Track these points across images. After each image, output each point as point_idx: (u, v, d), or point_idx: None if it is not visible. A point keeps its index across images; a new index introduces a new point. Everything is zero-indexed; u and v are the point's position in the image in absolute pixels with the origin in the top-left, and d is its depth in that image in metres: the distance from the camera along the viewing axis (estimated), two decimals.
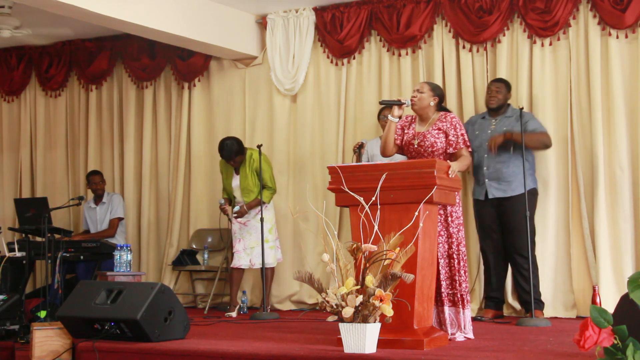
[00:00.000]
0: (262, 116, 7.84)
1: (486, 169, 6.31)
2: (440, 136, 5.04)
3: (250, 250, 6.92)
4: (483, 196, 6.34)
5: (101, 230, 7.83)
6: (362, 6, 7.34)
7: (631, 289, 3.05)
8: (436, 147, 5.02)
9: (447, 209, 4.92)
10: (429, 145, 5.03)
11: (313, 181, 7.51)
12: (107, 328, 4.78)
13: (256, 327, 5.85)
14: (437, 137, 5.04)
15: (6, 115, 9.04)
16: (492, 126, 6.35)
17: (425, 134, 5.07)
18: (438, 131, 5.05)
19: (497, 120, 6.37)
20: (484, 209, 6.37)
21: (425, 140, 5.05)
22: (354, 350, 4.11)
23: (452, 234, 4.93)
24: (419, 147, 5.07)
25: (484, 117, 6.47)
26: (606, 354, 3.13)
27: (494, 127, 6.34)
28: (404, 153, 5.21)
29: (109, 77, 8.52)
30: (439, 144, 5.03)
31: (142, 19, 6.73)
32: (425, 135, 5.06)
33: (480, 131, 6.40)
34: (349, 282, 4.11)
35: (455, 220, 4.96)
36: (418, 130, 5.12)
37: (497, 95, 6.40)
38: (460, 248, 4.94)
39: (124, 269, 6.34)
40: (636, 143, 6.41)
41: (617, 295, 5.59)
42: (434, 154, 5.02)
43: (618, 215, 6.39)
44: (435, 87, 5.21)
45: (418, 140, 5.08)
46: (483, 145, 6.31)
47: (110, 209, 7.88)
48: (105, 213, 7.90)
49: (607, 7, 6.42)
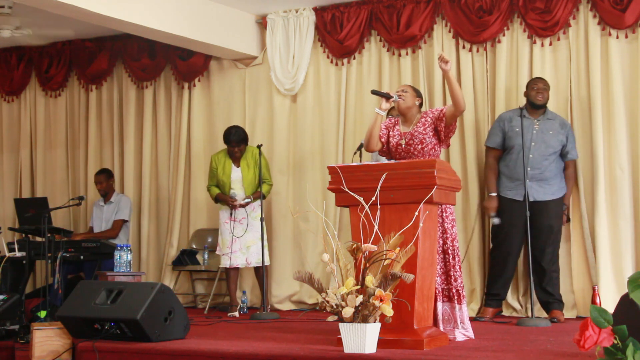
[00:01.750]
0: (262, 116, 7.84)
1: (530, 169, 6.14)
2: (427, 131, 5.06)
3: (246, 249, 6.92)
4: (521, 197, 6.15)
5: (104, 230, 7.83)
6: (362, 6, 7.34)
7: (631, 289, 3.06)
8: (426, 143, 5.05)
9: (442, 205, 4.93)
10: (418, 143, 5.06)
11: (313, 181, 7.50)
12: (107, 328, 4.78)
13: (256, 327, 5.85)
14: (424, 133, 5.06)
15: (6, 115, 9.04)
16: (535, 126, 6.22)
17: (412, 132, 5.10)
18: (424, 126, 5.08)
19: (540, 122, 6.26)
20: (518, 210, 6.16)
21: (413, 138, 5.07)
22: (354, 350, 4.11)
23: (446, 230, 4.98)
24: (407, 147, 5.09)
25: (524, 115, 6.19)
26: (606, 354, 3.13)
27: (538, 128, 6.23)
28: (392, 156, 5.19)
29: (109, 77, 8.52)
30: (428, 139, 5.05)
31: (142, 19, 6.73)
32: (412, 134, 5.09)
33: (520, 128, 6.16)
34: (349, 282, 4.11)
35: (449, 216, 5.00)
36: (404, 131, 5.15)
37: (544, 92, 6.27)
38: (454, 244, 4.99)
39: (124, 269, 6.34)
40: (636, 143, 6.41)
41: (617, 295, 5.59)
42: (423, 151, 5.04)
43: (618, 215, 6.39)
44: (417, 90, 5.29)
45: (406, 139, 5.10)
46: (528, 145, 6.17)
47: (116, 210, 7.89)
48: (111, 213, 7.90)
49: (607, 7, 6.42)
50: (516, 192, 6.24)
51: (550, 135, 6.23)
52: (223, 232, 7.03)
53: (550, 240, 6.25)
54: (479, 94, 6.92)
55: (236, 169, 7.06)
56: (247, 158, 7.05)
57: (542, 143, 6.21)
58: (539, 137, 6.21)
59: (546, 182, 6.23)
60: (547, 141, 6.22)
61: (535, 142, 6.19)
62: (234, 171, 7.06)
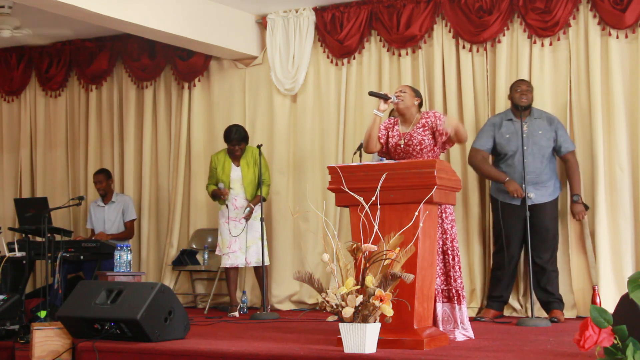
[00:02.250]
0: (262, 116, 7.84)
1: (527, 175, 6.11)
2: (426, 133, 5.06)
3: (246, 249, 6.92)
4: (519, 201, 6.17)
5: (118, 233, 7.83)
6: (362, 6, 7.34)
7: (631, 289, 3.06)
8: (424, 145, 5.04)
9: (441, 205, 4.93)
10: (417, 144, 5.05)
11: (313, 181, 7.50)
12: (107, 328, 4.78)
13: (256, 327, 5.85)
14: (423, 135, 5.06)
15: (6, 115, 9.04)
16: (524, 128, 6.20)
17: (411, 133, 5.09)
18: (423, 128, 5.07)
19: (527, 123, 6.26)
20: (517, 214, 6.18)
21: (412, 139, 5.07)
22: (354, 350, 4.11)
23: (446, 230, 4.98)
24: (406, 147, 5.08)
25: (510, 119, 6.30)
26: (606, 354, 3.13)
27: (527, 130, 6.22)
28: (391, 156, 5.19)
29: (109, 77, 8.52)
30: (427, 141, 5.04)
31: (142, 19, 6.73)
32: (411, 134, 5.09)
33: (511, 135, 6.25)
34: (349, 282, 4.11)
35: (449, 216, 5.01)
36: (403, 131, 5.15)
37: (528, 93, 6.28)
38: (454, 244, 5.00)
39: (124, 269, 6.34)
40: (636, 143, 6.41)
41: (617, 295, 5.59)
42: (422, 152, 5.04)
43: (618, 215, 6.39)
44: (415, 90, 5.28)
45: (405, 140, 5.09)
46: (520, 149, 6.16)
47: (122, 210, 7.90)
48: (115, 213, 7.90)
49: (607, 7, 6.42)
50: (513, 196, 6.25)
51: (539, 136, 6.23)
52: (222, 232, 7.03)
53: (548, 242, 6.25)
54: (479, 94, 6.92)
55: (236, 168, 7.06)
56: (247, 157, 7.06)
57: (534, 145, 6.21)
58: (529, 141, 6.21)
59: (542, 185, 6.24)
60: (537, 142, 6.22)
61: (527, 146, 6.18)
62: (233, 170, 7.06)
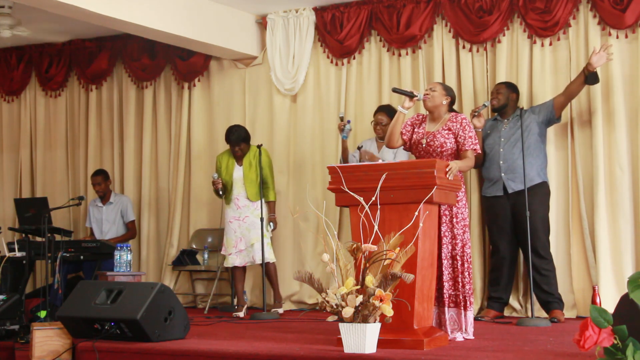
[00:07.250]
0: (262, 116, 7.84)
1: (502, 162, 6.25)
2: (449, 137, 5.02)
3: (251, 247, 6.92)
4: (501, 191, 6.29)
5: (120, 236, 7.84)
6: (362, 6, 7.34)
7: (631, 289, 3.06)
8: (445, 148, 5.01)
9: (453, 210, 4.92)
10: (438, 145, 5.02)
11: (313, 181, 7.50)
12: (107, 328, 4.78)
13: (256, 327, 5.85)
14: (446, 138, 5.02)
15: (6, 115, 9.04)
16: (504, 126, 6.35)
17: (435, 133, 5.05)
18: (448, 131, 5.04)
19: (509, 121, 6.37)
20: (500, 206, 6.31)
21: (434, 140, 5.03)
22: (354, 350, 4.12)
23: (456, 236, 4.93)
24: (427, 147, 5.05)
25: (496, 118, 6.48)
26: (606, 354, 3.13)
27: (506, 127, 6.34)
28: (412, 152, 5.19)
29: (109, 77, 8.52)
30: (449, 144, 5.01)
31: (142, 19, 6.73)
32: (435, 135, 5.05)
33: (491, 130, 6.41)
34: (349, 282, 4.11)
35: (460, 221, 4.96)
36: (428, 130, 5.11)
37: (497, 96, 6.42)
38: (465, 250, 4.94)
39: (124, 269, 6.34)
40: (636, 143, 6.41)
41: (617, 295, 5.59)
42: (442, 154, 5.00)
43: (618, 215, 6.39)
44: (447, 88, 5.22)
45: (427, 139, 5.06)
46: (496, 141, 6.31)
47: (120, 211, 7.91)
48: (113, 214, 7.90)
49: (607, 7, 6.42)
50: (495, 188, 6.34)
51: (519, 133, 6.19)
52: (228, 232, 7.03)
53: (539, 226, 6.21)
54: (479, 94, 6.91)
55: (238, 168, 7.07)
56: (249, 157, 7.06)
57: (511, 136, 6.28)
58: (506, 133, 6.31)
59: (520, 173, 6.15)
60: (515, 134, 6.26)
61: (504, 137, 6.31)
62: (236, 170, 7.06)
